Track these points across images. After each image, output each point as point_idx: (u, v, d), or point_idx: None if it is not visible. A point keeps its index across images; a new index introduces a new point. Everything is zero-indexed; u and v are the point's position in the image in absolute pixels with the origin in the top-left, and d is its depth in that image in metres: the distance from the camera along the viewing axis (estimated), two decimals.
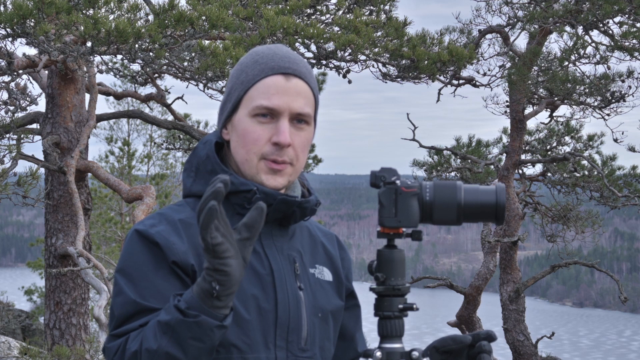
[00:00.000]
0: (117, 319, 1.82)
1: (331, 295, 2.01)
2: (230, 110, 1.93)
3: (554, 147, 13.79)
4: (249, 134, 1.89)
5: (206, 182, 1.91)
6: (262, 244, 1.92)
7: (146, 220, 1.90)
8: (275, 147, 1.88)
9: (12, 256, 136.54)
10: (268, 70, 1.90)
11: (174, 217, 1.89)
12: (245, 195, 1.89)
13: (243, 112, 1.91)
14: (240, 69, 1.94)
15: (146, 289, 1.81)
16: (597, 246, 61.90)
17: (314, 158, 17.82)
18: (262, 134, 1.89)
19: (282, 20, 7.52)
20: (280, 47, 1.96)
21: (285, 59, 1.91)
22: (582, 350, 76.17)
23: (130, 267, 1.84)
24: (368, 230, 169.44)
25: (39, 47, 7.18)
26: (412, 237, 1.83)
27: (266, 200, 1.88)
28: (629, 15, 10.68)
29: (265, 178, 1.90)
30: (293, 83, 1.90)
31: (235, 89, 1.93)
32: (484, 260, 12.66)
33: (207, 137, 1.98)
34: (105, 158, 24.42)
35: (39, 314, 19.48)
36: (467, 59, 8.89)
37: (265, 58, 1.92)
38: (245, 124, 1.90)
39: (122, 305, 1.81)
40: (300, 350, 1.91)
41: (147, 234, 1.85)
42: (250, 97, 1.90)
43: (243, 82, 1.91)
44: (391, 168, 1.83)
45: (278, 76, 1.90)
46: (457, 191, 1.79)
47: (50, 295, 9.64)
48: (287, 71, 1.90)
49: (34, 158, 9.19)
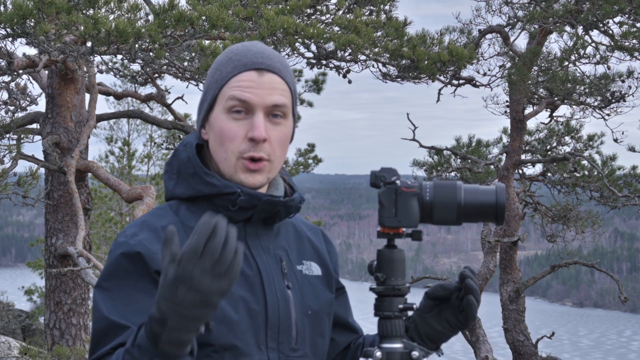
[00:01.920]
0: (92, 338, 1.78)
1: (321, 290, 2.00)
2: (207, 109, 1.92)
3: (554, 147, 13.79)
4: (224, 131, 1.87)
5: (189, 185, 1.90)
6: (248, 245, 1.90)
7: (127, 230, 1.86)
8: (251, 143, 1.86)
9: (12, 256, 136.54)
10: (241, 66, 1.88)
11: (155, 225, 1.86)
12: (229, 198, 1.87)
13: (218, 110, 1.89)
14: (215, 68, 1.92)
15: (124, 304, 1.76)
16: (597, 246, 61.88)
17: (314, 158, 17.82)
18: (238, 131, 1.86)
19: (282, 20, 7.52)
20: (255, 44, 1.94)
21: (258, 55, 1.90)
22: (582, 350, 76.17)
23: (108, 281, 1.79)
24: (368, 230, 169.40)
25: (39, 47, 7.18)
26: (412, 237, 1.83)
27: (250, 202, 1.86)
28: (629, 15, 10.68)
29: (244, 177, 1.87)
30: (267, 78, 1.88)
31: (210, 88, 1.91)
32: (484, 260, 12.66)
33: (187, 139, 1.96)
34: (105, 158, 24.45)
35: (39, 314, 19.48)
36: (467, 59, 8.89)
37: (238, 55, 1.90)
38: (221, 121, 1.87)
39: (97, 322, 1.77)
40: (291, 350, 1.90)
41: (127, 245, 1.81)
42: (224, 94, 1.88)
43: (217, 80, 1.90)
44: (391, 168, 1.82)
45: (251, 72, 1.88)
46: (457, 191, 1.79)
47: (50, 295, 9.64)
48: (259, 66, 1.88)
49: (34, 158, 9.19)
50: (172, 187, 1.94)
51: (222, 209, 1.88)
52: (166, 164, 1.98)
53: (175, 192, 1.93)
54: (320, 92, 14.19)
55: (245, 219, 1.90)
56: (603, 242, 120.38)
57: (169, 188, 1.95)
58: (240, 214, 1.88)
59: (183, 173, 1.92)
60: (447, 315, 1.94)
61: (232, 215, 1.88)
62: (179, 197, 1.93)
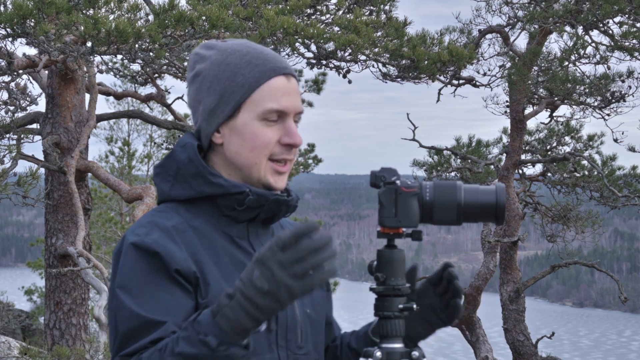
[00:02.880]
0: (121, 335, 1.75)
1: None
2: (229, 114, 1.89)
3: (554, 147, 13.79)
4: (259, 137, 1.87)
5: (189, 186, 1.88)
6: (252, 245, 1.91)
7: (137, 230, 1.83)
8: (285, 148, 1.88)
9: (12, 256, 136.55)
10: (270, 71, 1.88)
11: (165, 225, 1.84)
12: (237, 198, 1.87)
13: (249, 116, 1.87)
14: (232, 70, 1.89)
15: (149, 303, 1.75)
16: (597, 246, 61.89)
17: (314, 158, 17.82)
18: (273, 136, 1.87)
19: (282, 20, 7.52)
20: (260, 46, 1.94)
21: (278, 59, 1.91)
22: (582, 350, 76.18)
23: (129, 281, 1.78)
24: (368, 230, 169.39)
25: (39, 47, 7.18)
26: (412, 237, 1.83)
27: (259, 201, 1.87)
28: (629, 15, 10.68)
29: (273, 180, 1.89)
30: (292, 83, 1.91)
31: (232, 92, 1.88)
32: (484, 260, 12.66)
33: (185, 140, 1.93)
34: (105, 158, 24.45)
35: (39, 314, 19.47)
36: (467, 59, 8.89)
37: (258, 59, 1.89)
38: (254, 127, 1.87)
39: (126, 319, 1.75)
40: (298, 348, 1.92)
41: (144, 244, 1.79)
42: (256, 101, 1.87)
43: (243, 84, 1.87)
44: (391, 168, 1.82)
45: (280, 77, 1.89)
46: (457, 191, 1.79)
47: (50, 295, 9.64)
48: (285, 71, 1.90)
49: (34, 158, 9.19)
50: (169, 189, 1.91)
51: (226, 209, 1.88)
52: (158, 166, 1.95)
53: (172, 193, 1.91)
54: (320, 92, 14.20)
55: (249, 219, 1.91)
56: (603, 242, 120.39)
57: (164, 190, 1.92)
58: (246, 213, 1.89)
59: (182, 174, 1.90)
60: (429, 316, 1.96)
61: (237, 216, 1.89)
62: (177, 199, 1.91)
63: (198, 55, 1.95)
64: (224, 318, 1.61)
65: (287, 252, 1.56)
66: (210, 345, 1.61)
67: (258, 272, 1.58)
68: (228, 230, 1.89)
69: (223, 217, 1.89)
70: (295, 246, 1.56)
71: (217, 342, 1.61)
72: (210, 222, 1.88)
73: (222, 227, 1.89)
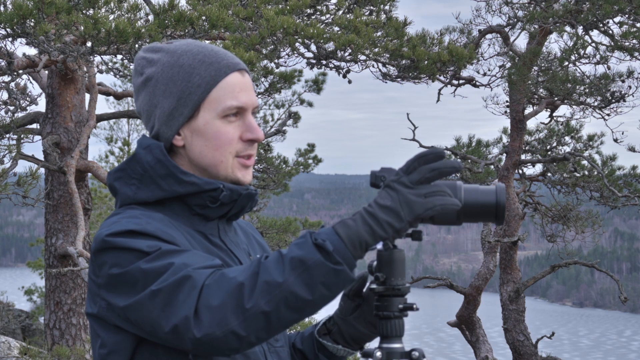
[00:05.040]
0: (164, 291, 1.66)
1: None
2: (189, 115, 1.87)
3: (554, 147, 13.79)
4: (222, 135, 1.87)
5: (157, 187, 1.85)
6: (224, 242, 1.92)
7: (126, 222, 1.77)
8: (247, 143, 1.89)
9: (12, 256, 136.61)
10: (225, 68, 1.88)
11: (155, 216, 1.82)
12: (210, 195, 1.86)
13: (209, 115, 1.86)
14: (187, 71, 1.87)
15: (192, 258, 1.71)
16: (597, 246, 61.92)
17: (314, 158, 17.80)
18: (235, 133, 1.88)
19: (282, 20, 7.52)
20: (208, 44, 1.94)
21: (230, 56, 1.91)
22: (582, 350, 76.19)
23: (156, 248, 1.72)
24: None
25: (39, 47, 7.18)
26: (412, 237, 1.83)
27: (231, 197, 1.88)
28: (629, 15, 10.68)
29: (242, 175, 1.90)
30: (247, 78, 1.92)
31: (190, 93, 1.86)
32: (484, 260, 12.67)
33: (147, 142, 1.88)
34: (105, 158, 24.46)
35: (39, 314, 19.48)
36: (467, 59, 8.89)
37: (211, 57, 1.88)
38: (216, 126, 1.86)
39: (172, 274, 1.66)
40: (275, 341, 1.95)
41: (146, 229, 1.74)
42: (215, 99, 1.86)
43: (200, 84, 1.86)
44: (391, 168, 1.82)
45: (235, 73, 1.89)
46: (457, 191, 1.79)
47: (50, 295, 9.64)
48: (239, 67, 1.90)
49: (34, 158, 9.20)
50: (134, 192, 1.87)
51: (198, 207, 1.87)
52: (117, 170, 1.90)
53: (139, 196, 1.86)
54: (320, 92, 14.17)
55: (220, 216, 1.91)
56: (603, 242, 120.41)
57: (128, 194, 1.87)
58: (218, 210, 1.89)
59: (150, 176, 1.86)
60: (369, 317, 1.97)
61: (209, 213, 1.88)
62: (144, 202, 1.86)
63: (145, 60, 1.91)
64: (343, 226, 1.63)
65: (411, 174, 1.63)
66: (326, 248, 1.60)
67: (384, 192, 1.64)
68: (201, 229, 1.89)
69: (195, 216, 1.89)
70: (419, 168, 1.64)
71: (332, 247, 1.60)
72: (182, 222, 1.87)
73: (194, 226, 1.88)
